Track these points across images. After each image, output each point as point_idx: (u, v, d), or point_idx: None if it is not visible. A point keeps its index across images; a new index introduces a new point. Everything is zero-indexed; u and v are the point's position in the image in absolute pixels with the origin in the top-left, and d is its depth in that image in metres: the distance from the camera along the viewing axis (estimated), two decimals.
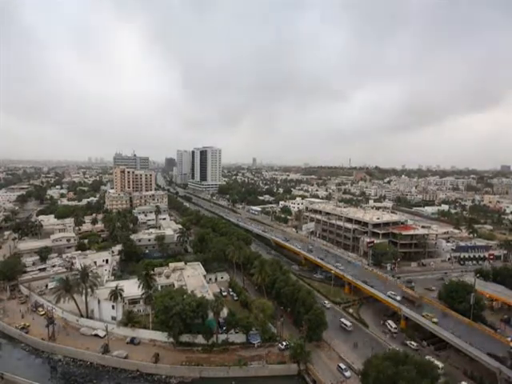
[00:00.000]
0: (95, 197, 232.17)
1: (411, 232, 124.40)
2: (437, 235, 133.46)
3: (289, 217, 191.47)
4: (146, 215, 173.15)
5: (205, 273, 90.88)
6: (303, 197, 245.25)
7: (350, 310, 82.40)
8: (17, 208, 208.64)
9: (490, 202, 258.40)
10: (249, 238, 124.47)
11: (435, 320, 68.74)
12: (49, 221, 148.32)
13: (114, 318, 70.96)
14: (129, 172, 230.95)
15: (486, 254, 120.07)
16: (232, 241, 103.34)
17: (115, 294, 68.90)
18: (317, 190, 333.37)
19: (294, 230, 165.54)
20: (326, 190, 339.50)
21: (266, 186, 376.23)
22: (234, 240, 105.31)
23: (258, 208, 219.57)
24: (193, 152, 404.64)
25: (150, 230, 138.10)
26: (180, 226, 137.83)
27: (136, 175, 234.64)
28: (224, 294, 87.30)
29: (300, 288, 75.60)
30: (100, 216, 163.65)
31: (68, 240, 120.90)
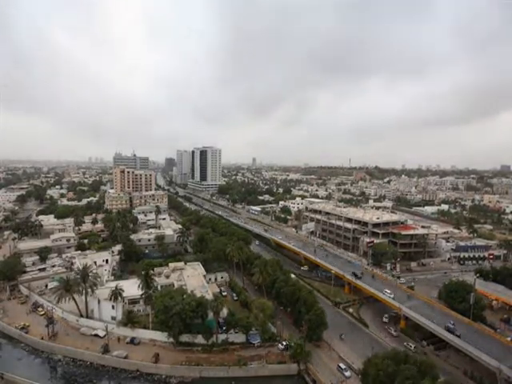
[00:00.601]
0: (95, 197, 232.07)
1: (411, 232, 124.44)
2: (437, 235, 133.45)
3: (289, 217, 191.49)
4: (145, 215, 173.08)
5: (205, 273, 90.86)
6: (303, 197, 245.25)
7: (350, 310, 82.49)
8: (17, 208, 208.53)
9: (489, 202, 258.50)
10: (249, 238, 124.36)
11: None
12: (49, 221, 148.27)
13: (113, 318, 70.94)
14: (129, 172, 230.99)
15: (486, 254, 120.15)
16: (232, 241, 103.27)
17: (115, 294, 68.88)
18: (317, 190, 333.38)
19: (293, 229, 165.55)
20: (326, 190, 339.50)
21: (266, 186, 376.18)
22: (234, 240, 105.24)
23: (257, 208, 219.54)
24: (193, 152, 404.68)
25: (150, 230, 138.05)
26: (180, 226, 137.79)
27: (136, 175, 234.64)
28: (224, 293, 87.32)
29: (300, 288, 75.65)
30: (100, 216, 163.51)
31: (68, 240, 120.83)
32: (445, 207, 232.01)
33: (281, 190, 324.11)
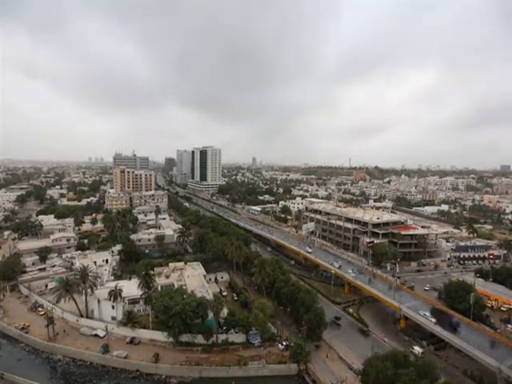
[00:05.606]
0: (95, 197, 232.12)
1: (411, 232, 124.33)
2: (437, 235, 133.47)
3: (289, 217, 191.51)
4: (145, 215, 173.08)
5: (205, 273, 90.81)
6: (303, 197, 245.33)
7: (350, 310, 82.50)
8: (17, 208, 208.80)
9: (489, 202, 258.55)
10: (249, 238, 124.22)
11: None
12: (49, 221, 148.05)
13: (113, 318, 70.94)
14: (129, 172, 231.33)
15: (486, 254, 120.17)
16: (232, 241, 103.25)
17: (115, 294, 68.87)
18: (317, 190, 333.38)
19: (293, 229, 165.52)
20: (326, 190, 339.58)
21: (266, 186, 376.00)
22: (234, 240, 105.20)
23: (258, 208, 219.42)
24: (193, 152, 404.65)
25: (150, 230, 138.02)
26: (180, 226, 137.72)
27: (136, 175, 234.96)
28: (224, 293, 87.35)
29: (300, 288, 75.66)
30: (100, 216, 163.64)
31: (68, 240, 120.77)
32: (445, 207, 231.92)
33: (281, 190, 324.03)
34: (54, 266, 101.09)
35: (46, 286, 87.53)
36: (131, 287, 74.95)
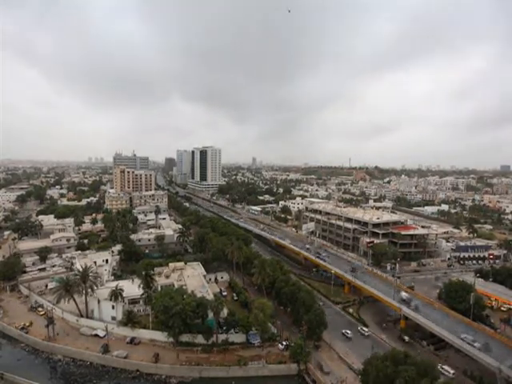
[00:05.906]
0: (95, 197, 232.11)
1: (411, 232, 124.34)
2: (437, 235, 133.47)
3: (289, 217, 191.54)
4: (145, 215, 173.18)
5: (205, 273, 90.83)
6: (303, 197, 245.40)
7: (350, 310, 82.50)
8: (17, 208, 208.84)
9: (489, 202, 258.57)
10: (249, 238, 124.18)
11: None
12: (49, 221, 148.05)
13: (113, 318, 70.93)
14: (129, 172, 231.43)
15: (486, 254, 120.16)
16: (232, 241, 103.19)
17: (115, 294, 68.89)
18: (317, 190, 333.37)
19: (293, 229, 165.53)
20: (326, 190, 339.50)
21: (266, 186, 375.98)
22: (234, 240, 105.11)
23: (258, 208, 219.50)
24: (193, 152, 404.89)
25: (150, 230, 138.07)
26: (180, 226, 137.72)
27: (136, 175, 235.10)
28: (224, 293, 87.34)
29: (300, 288, 75.65)
30: (100, 216, 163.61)
31: (68, 240, 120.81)
32: (445, 207, 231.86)
33: (281, 190, 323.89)
34: (54, 266, 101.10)
35: (46, 285, 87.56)
36: (131, 287, 74.97)
